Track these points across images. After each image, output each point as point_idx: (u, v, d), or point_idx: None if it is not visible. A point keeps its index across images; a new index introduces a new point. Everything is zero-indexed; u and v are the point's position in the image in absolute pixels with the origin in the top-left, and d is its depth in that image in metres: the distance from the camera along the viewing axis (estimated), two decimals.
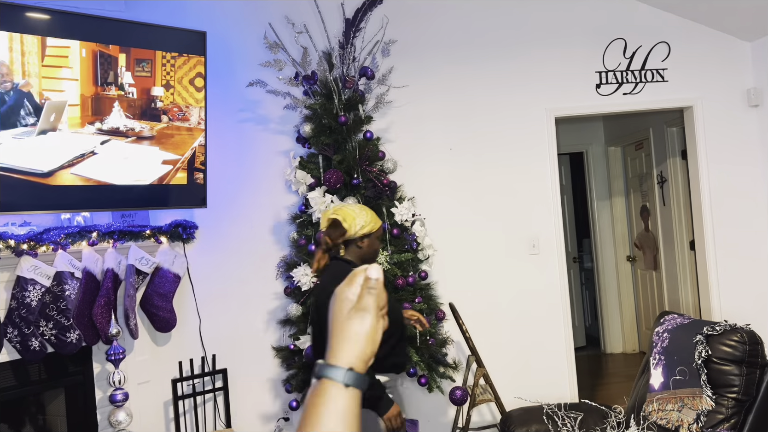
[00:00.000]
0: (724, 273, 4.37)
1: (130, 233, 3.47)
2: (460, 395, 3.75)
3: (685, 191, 5.31)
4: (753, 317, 3.45)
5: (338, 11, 4.02)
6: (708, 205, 4.39)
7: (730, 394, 2.61)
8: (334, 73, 3.88)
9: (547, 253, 4.32)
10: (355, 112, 3.88)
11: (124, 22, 3.49)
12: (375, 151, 3.87)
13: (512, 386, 3.96)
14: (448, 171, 4.30)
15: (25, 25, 3.09)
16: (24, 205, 3.14)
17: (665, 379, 2.81)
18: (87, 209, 3.47)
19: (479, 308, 4.26)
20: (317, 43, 4.01)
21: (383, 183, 3.79)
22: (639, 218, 6.44)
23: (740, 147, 4.38)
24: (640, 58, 4.37)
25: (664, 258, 5.91)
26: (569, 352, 4.33)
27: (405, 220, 3.78)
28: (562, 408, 2.97)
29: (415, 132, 4.27)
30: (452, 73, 4.31)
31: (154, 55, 3.53)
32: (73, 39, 3.23)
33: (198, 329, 3.86)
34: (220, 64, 4.00)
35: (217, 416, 3.91)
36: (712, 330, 2.71)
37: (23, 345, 3.01)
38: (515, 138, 4.32)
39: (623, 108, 4.43)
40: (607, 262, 6.83)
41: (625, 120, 6.24)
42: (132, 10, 3.85)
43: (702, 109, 4.39)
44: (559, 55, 4.35)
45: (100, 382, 3.43)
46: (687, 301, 5.53)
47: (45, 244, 3.07)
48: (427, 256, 3.88)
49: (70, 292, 3.15)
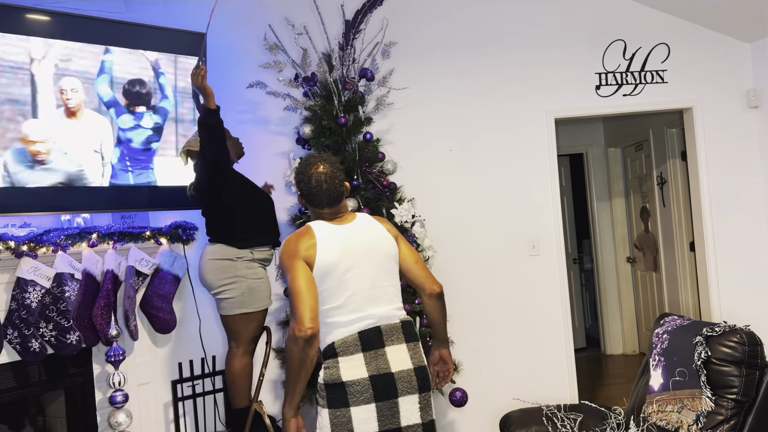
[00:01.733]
0: (723, 274, 4.37)
1: (130, 234, 3.47)
2: (459, 396, 3.75)
3: (685, 192, 5.31)
4: (753, 318, 3.45)
5: (338, 13, 4.02)
6: (708, 207, 4.39)
7: (730, 395, 2.61)
8: (334, 74, 3.89)
9: (547, 254, 4.32)
10: (354, 113, 3.89)
11: (124, 24, 3.50)
12: (375, 152, 3.88)
13: (512, 387, 3.96)
14: (448, 172, 4.30)
15: (26, 27, 3.09)
16: (24, 205, 3.15)
17: (665, 380, 2.81)
18: (87, 210, 3.48)
19: (479, 309, 4.26)
20: (317, 45, 4.02)
21: (383, 184, 3.80)
22: (639, 219, 6.44)
23: (740, 148, 4.38)
24: (639, 59, 4.37)
25: (664, 259, 5.91)
26: (569, 353, 4.33)
27: (405, 221, 3.78)
28: (562, 409, 2.97)
29: (415, 133, 4.27)
30: (452, 75, 4.31)
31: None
32: (73, 41, 3.24)
33: (198, 330, 3.86)
34: (219, 65, 4.00)
35: (217, 417, 3.91)
36: (711, 331, 2.71)
37: (23, 346, 3.01)
38: (515, 139, 4.33)
39: (623, 109, 4.43)
40: (607, 263, 6.83)
41: (624, 121, 6.24)
42: (132, 12, 3.85)
43: (702, 111, 4.39)
44: (559, 56, 4.35)
45: (99, 383, 3.43)
46: (687, 302, 5.53)
47: (45, 246, 3.07)
48: (427, 257, 3.88)
49: (70, 293, 3.15)
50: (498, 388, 4.12)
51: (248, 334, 3.33)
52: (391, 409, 2.31)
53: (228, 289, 3.26)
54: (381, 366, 2.32)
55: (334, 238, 2.37)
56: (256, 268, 3.31)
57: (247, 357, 3.35)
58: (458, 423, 4.22)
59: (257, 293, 3.29)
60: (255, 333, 3.35)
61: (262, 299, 3.30)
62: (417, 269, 2.51)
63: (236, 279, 3.25)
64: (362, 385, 2.28)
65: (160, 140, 3.62)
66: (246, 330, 3.31)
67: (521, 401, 3.19)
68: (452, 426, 4.22)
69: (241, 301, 3.26)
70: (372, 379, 2.29)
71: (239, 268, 3.26)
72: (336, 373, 2.29)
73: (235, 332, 3.33)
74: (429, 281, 2.52)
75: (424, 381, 2.39)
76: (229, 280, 3.26)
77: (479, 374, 4.14)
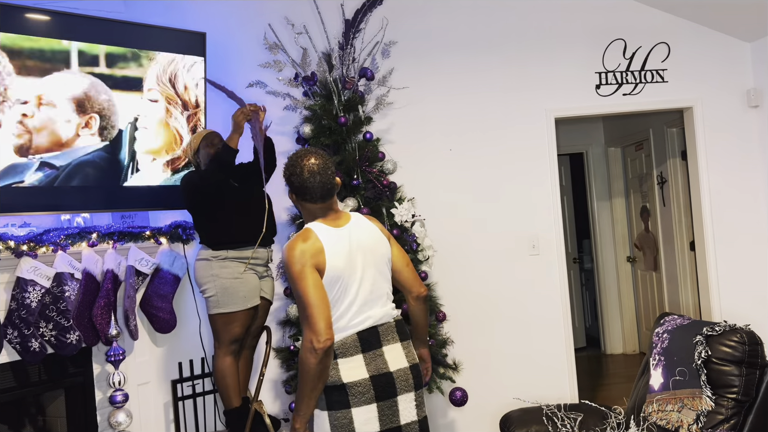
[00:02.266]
0: (724, 274, 4.37)
1: (130, 234, 3.47)
2: (460, 396, 3.75)
3: (685, 192, 5.31)
4: (753, 318, 3.45)
5: (338, 12, 4.02)
6: (708, 206, 4.39)
7: (730, 395, 2.61)
8: (333, 74, 3.89)
9: (547, 253, 4.32)
10: (354, 113, 3.89)
11: (124, 23, 3.49)
12: (375, 151, 3.87)
13: (512, 387, 3.96)
14: (447, 172, 4.30)
15: (25, 26, 3.09)
16: (24, 205, 3.15)
17: (665, 379, 2.81)
18: (87, 210, 3.48)
19: (479, 308, 4.26)
20: (317, 44, 4.01)
21: (383, 184, 3.79)
22: (639, 219, 6.44)
23: (740, 148, 4.38)
24: (639, 58, 4.37)
25: (664, 259, 5.91)
26: (569, 352, 4.33)
27: (405, 220, 3.78)
28: (562, 409, 2.97)
29: (415, 133, 4.27)
30: (452, 74, 4.31)
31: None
32: (73, 40, 3.24)
33: (198, 330, 3.86)
34: (219, 64, 3.99)
35: (217, 417, 3.91)
36: (711, 330, 2.71)
37: (23, 346, 3.01)
38: (515, 138, 4.33)
39: (623, 109, 4.43)
40: (607, 262, 6.83)
41: (625, 121, 6.24)
42: (132, 11, 3.84)
43: (702, 110, 4.39)
44: (559, 55, 4.35)
45: (100, 383, 3.43)
46: (687, 301, 5.53)
47: (45, 245, 3.07)
48: (427, 256, 3.88)
49: (70, 293, 3.15)
50: (498, 387, 4.12)
51: (228, 335, 3.31)
52: (392, 408, 2.31)
53: (206, 288, 3.31)
54: (380, 366, 2.32)
55: (338, 242, 2.33)
56: (233, 267, 3.30)
57: (228, 357, 3.34)
58: (458, 422, 4.22)
59: (233, 293, 3.27)
60: (235, 333, 3.32)
61: (239, 299, 3.27)
62: (407, 271, 2.54)
63: (211, 278, 3.28)
64: (364, 386, 2.27)
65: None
66: (225, 330, 3.31)
67: (521, 401, 3.19)
68: (452, 425, 4.22)
69: (217, 301, 3.27)
70: (373, 379, 2.29)
71: (213, 267, 3.28)
72: (336, 375, 2.27)
73: (215, 331, 3.37)
74: (417, 284, 2.56)
75: (418, 378, 2.41)
76: (205, 279, 3.30)
77: (479, 374, 4.14)
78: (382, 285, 2.41)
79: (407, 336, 2.46)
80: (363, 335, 2.33)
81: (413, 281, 2.55)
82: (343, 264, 2.30)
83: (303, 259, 2.25)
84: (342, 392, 2.27)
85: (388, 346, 2.36)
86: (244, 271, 3.30)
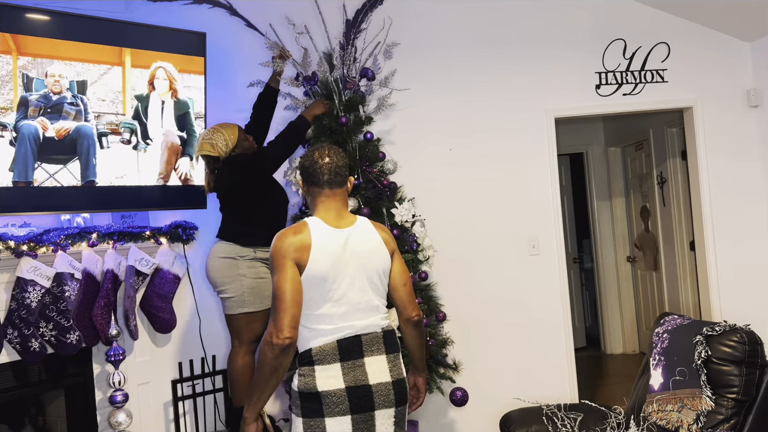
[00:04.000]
0: (724, 273, 4.37)
1: (130, 234, 3.47)
2: (460, 396, 3.75)
3: (685, 192, 5.31)
4: (753, 318, 3.44)
5: (339, 12, 4.02)
6: (708, 206, 4.39)
7: (730, 395, 2.61)
8: (334, 74, 3.88)
9: (547, 253, 4.32)
10: (355, 113, 3.89)
11: (124, 24, 3.49)
12: (375, 152, 3.87)
13: (512, 387, 3.96)
14: (448, 172, 4.30)
15: (25, 26, 3.09)
16: (24, 205, 3.15)
17: (665, 379, 2.81)
18: (87, 210, 3.47)
19: (479, 308, 4.26)
20: (318, 44, 4.01)
21: (383, 184, 3.79)
22: (639, 219, 6.44)
23: (740, 147, 4.38)
24: (639, 58, 4.37)
25: (664, 258, 5.91)
26: (569, 352, 4.33)
27: (405, 220, 3.78)
28: (562, 409, 2.97)
29: (415, 133, 4.27)
30: (452, 74, 4.31)
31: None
32: (73, 40, 3.24)
33: (198, 330, 3.86)
34: (219, 64, 4.00)
35: (217, 417, 3.91)
36: (711, 330, 2.71)
37: (23, 346, 3.01)
38: (515, 139, 4.33)
39: (623, 108, 4.43)
40: (607, 262, 6.83)
41: (625, 120, 6.24)
42: (132, 11, 3.85)
43: (702, 110, 4.39)
44: (559, 56, 4.35)
45: (100, 383, 3.43)
46: (687, 301, 5.53)
47: (45, 245, 3.07)
48: (427, 256, 3.88)
49: (70, 293, 3.15)
50: (498, 387, 4.12)
51: (250, 334, 3.33)
52: (367, 422, 2.24)
53: (228, 288, 3.28)
54: (359, 377, 2.24)
55: (329, 243, 2.27)
56: (258, 267, 3.32)
57: (249, 356, 3.36)
58: (458, 422, 4.22)
59: (259, 293, 3.29)
60: (257, 332, 3.35)
61: (264, 299, 3.30)
62: (403, 291, 2.42)
63: (237, 278, 3.26)
64: (338, 396, 2.21)
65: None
66: (248, 329, 3.32)
67: (521, 400, 3.19)
68: (452, 426, 4.22)
69: (242, 301, 3.27)
70: (348, 390, 2.22)
71: (240, 266, 3.27)
72: (311, 383, 2.22)
73: (237, 331, 3.34)
74: (410, 306, 2.43)
75: (401, 395, 2.31)
76: (230, 278, 3.27)
77: (479, 374, 4.13)
78: (372, 297, 2.32)
79: (396, 348, 2.37)
80: (343, 344, 2.25)
81: (407, 303, 2.42)
82: (327, 266, 2.24)
83: (287, 252, 2.21)
84: (317, 400, 2.21)
85: (371, 357, 2.28)
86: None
